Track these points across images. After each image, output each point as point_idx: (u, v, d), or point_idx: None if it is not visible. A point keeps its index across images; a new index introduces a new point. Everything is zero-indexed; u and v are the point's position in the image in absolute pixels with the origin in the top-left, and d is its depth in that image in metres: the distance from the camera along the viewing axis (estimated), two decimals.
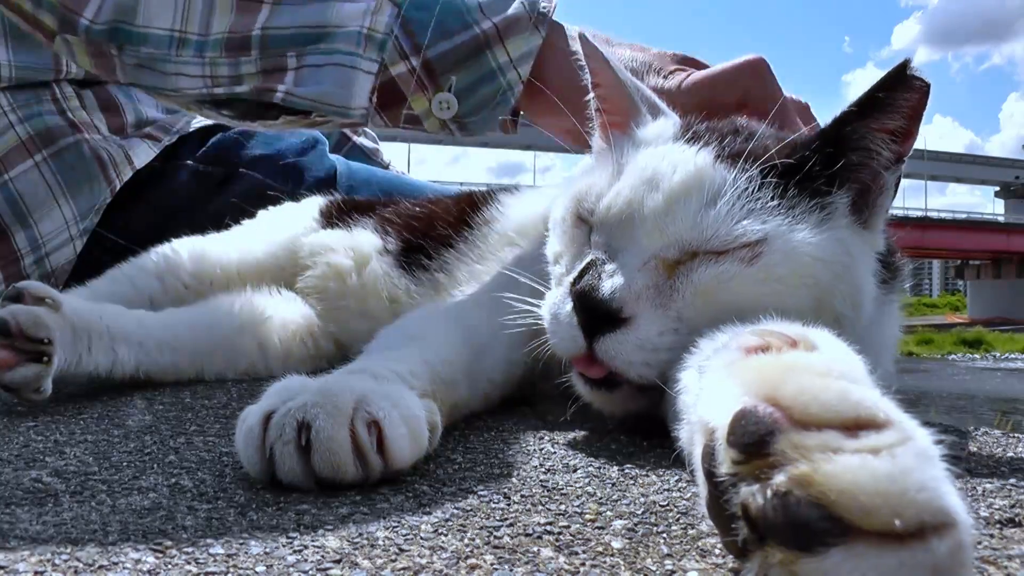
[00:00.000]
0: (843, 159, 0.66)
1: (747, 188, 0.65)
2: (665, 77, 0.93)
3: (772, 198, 0.65)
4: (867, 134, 0.65)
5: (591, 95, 0.82)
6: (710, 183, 0.66)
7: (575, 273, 0.69)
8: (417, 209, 1.17)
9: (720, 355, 0.46)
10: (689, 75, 0.93)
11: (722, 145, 0.69)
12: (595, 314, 0.64)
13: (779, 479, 0.31)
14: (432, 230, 1.10)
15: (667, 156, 0.69)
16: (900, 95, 0.64)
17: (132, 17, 0.90)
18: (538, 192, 1.11)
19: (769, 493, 0.31)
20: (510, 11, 0.92)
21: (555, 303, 0.69)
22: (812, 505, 0.30)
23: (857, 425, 0.33)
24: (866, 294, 0.69)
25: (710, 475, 0.36)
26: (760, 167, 0.65)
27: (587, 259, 0.69)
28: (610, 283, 0.65)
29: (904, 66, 0.63)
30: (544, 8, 0.94)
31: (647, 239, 0.66)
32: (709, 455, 0.36)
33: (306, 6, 0.90)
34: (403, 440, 0.53)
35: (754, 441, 0.33)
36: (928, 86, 0.64)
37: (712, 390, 0.39)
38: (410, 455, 0.54)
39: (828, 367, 0.36)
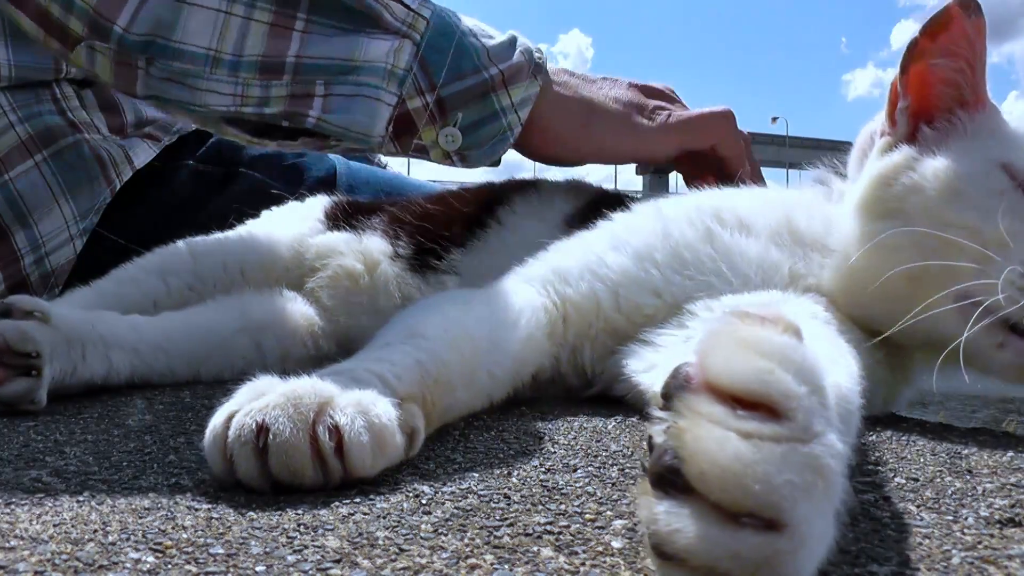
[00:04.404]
0: None
1: None
2: (649, 118, 1.06)
3: None
4: None
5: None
6: None
7: None
8: (430, 208, 1.17)
9: (707, 324, 0.47)
10: (670, 115, 1.06)
11: None
12: None
13: (664, 426, 0.35)
14: (445, 230, 1.11)
15: None
16: None
17: (170, 32, 0.94)
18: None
19: (657, 433, 0.36)
20: (513, 60, 1.03)
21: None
22: (673, 455, 0.34)
23: (755, 405, 0.34)
24: None
25: None
26: None
27: None
28: None
29: None
30: (539, 59, 1.05)
31: None
32: None
33: (333, 39, 0.96)
34: (364, 448, 0.51)
35: (668, 392, 0.37)
36: None
37: (686, 349, 0.41)
38: (373, 463, 0.52)
39: (777, 349, 0.36)
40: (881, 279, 0.73)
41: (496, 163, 1.08)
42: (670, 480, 0.33)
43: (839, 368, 0.55)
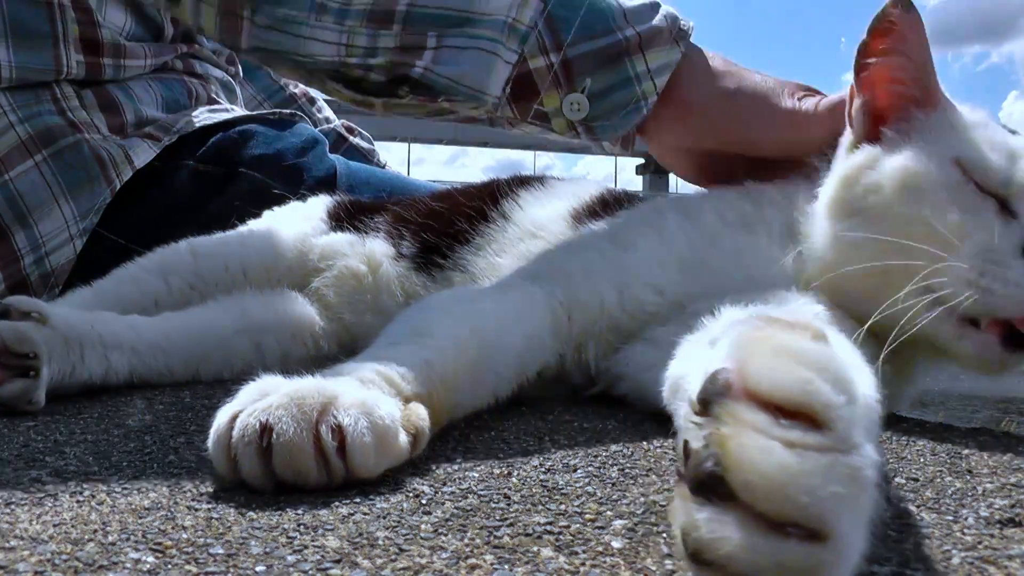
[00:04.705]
0: None
1: None
2: (799, 100, 0.96)
3: None
4: None
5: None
6: None
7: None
8: (435, 205, 1.17)
9: (735, 328, 0.47)
10: (822, 99, 0.95)
11: None
12: None
13: (705, 432, 0.35)
14: (451, 227, 1.10)
15: None
16: None
17: None
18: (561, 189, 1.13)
19: (695, 439, 0.35)
20: (653, 22, 0.94)
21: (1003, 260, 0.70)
22: (714, 463, 0.33)
23: (797, 414, 0.34)
24: None
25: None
26: None
27: None
28: None
29: None
30: (684, 26, 0.96)
31: None
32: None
33: None
34: (367, 449, 0.51)
35: (706, 398, 0.36)
36: None
37: (716, 353, 0.42)
38: (376, 463, 0.53)
39: (814, 358, 0.36)
40: (847, 276, 0.75)
41: (627, 141, 0.98)
42: (711, 487, 0.33)
43: (862, 377, 0.55)
